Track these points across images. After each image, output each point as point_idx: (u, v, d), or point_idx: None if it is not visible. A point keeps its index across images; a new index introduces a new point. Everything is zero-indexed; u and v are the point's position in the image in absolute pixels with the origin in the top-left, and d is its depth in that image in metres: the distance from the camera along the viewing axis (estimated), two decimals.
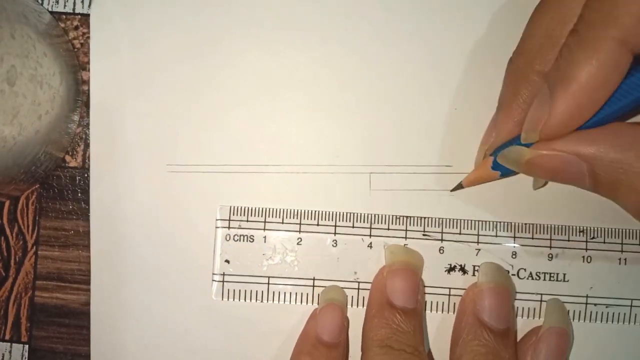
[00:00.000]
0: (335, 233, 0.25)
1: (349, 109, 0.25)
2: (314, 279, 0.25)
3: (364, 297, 0.25)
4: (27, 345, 0.27)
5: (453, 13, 0.25)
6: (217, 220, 0.25)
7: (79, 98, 0.27)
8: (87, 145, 0.27)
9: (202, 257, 0.25)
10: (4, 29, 0.20)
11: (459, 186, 0.24)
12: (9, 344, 0.27)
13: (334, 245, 0.25)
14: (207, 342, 0.25)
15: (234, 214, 0.25)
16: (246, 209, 0.25)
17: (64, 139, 0.26)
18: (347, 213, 0.25)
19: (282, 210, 0.25)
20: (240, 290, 0.25)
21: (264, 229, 0.25)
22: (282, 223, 0.25)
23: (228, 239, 0.25)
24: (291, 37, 0.25)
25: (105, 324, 0.25)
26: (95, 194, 0.25)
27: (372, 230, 0.25)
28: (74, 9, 0.26)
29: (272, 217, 0.25)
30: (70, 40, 0.26)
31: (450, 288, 0.25)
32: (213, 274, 0.25)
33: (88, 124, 0.27)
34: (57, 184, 0.27)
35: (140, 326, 0.25)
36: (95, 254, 0.25)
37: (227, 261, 0.25)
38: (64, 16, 0.27)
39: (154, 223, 0.25)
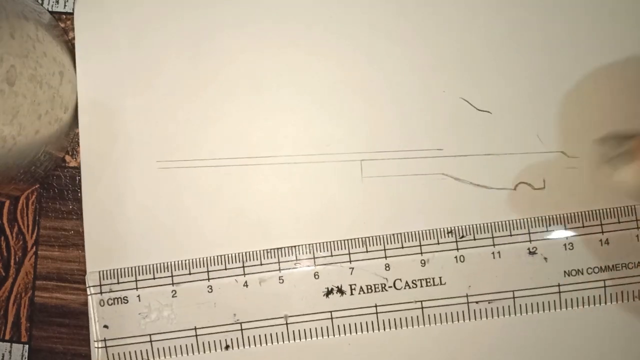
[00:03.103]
0: (208, 279, 0.25)
1: (338, 97, 0.25)
2: (195, 329, 0.25)
3: (237, 338, 0.24)
4: (27, 345, 0.27)
5: None
6: (88, 287, 0.25)
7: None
8: None
9: (197, 248, 0.25)
10: (4, 29, 0.20)
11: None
12: (9, 344, 0.27)
13: (210, 291, 0.25)
14: None
15: (104, 279, 0.25)
16: (115, 271, 0.25)
17: (64, 139, 0.26)
18: (219, 256, 0.25)
19: (152, 267, 0.25)
20: (124, 353, 0.24)
21: (136, 288, 0.25)
22: (154, 279, 0.25)
23: (102, 304, 0.25)
24: (279, 27, 0.25)
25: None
26: (87, 191, 0.25)
27: (245, 268, 0.25)
28: (73, 9, 0.26)
29: (143, 274, 0.25)
30: (70, 40, 0.26)
31: (331, 312, 0.25)
32: (94, 341, 0.25)
33: None
34: (57, 184, 0.27)
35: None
36: (90, 250, 0.25)
37: (106, 326, 0.24)
38: (64, 16, 0.27)
39: (149, 219, 0.25)
